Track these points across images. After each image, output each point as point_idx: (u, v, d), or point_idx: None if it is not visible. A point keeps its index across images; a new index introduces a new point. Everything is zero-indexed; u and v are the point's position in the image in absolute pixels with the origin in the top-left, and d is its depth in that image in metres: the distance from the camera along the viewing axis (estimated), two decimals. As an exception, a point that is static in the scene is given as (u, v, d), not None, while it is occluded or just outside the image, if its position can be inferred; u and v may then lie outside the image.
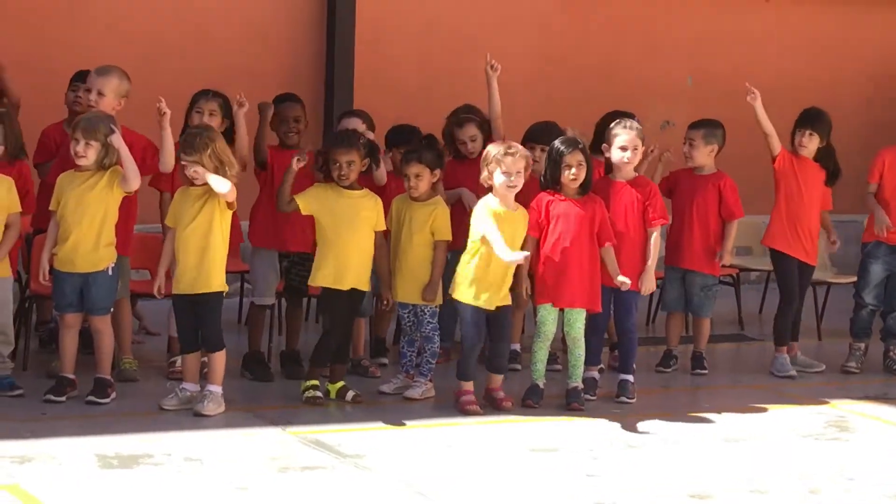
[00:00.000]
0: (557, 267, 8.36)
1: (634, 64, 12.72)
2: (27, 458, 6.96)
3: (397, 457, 7.35)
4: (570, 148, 8.38)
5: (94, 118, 8.04)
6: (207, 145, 7.85)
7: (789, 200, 9.49)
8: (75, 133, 7.94)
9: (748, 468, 7.41)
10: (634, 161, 8.71)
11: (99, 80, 8.40)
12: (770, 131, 9.37)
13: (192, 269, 7.92)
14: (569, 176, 8.37)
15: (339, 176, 8.29)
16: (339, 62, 11.55)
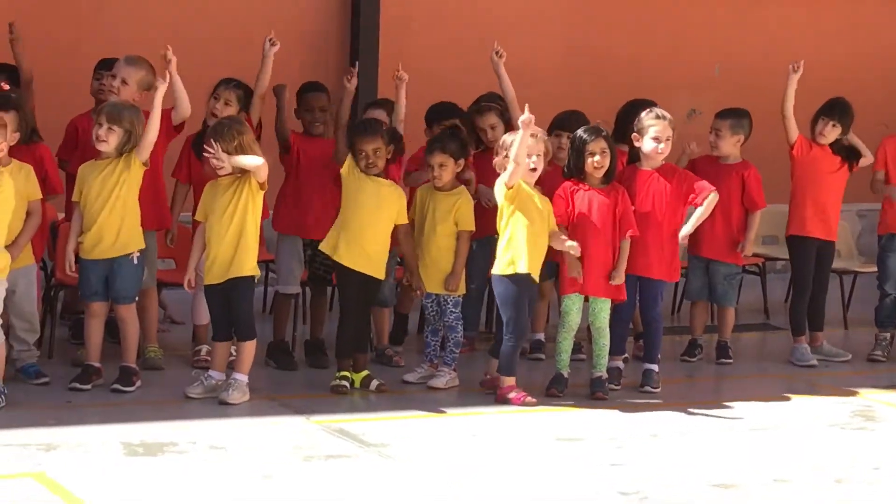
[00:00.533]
0: (582, 256, 8.34)
1: (661, 53, 12.67)
2: (53, 445, 6.99)
3: (421, 446, 7.36)
4: (593, 136, 8.37)
5: (120, 105, 8.07)
6: (235, 137, 7.86)
7: (806, 186, 9.50)
8: (99, 117, 7.97)
9: (773, 458, 7.39)
10: (667, 152, 8.67)
11: (125, 69, 8.42)
12: (789, 114, 9.35)
13: (225, 257, 7.92)
14: (592, 164, 8.35)
15: (367, 165, 8.28)
16: (363, 51, 11.53)
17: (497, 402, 8.18)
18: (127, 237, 8.04)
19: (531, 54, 12.17)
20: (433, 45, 11.88)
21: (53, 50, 10.39)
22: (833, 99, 9.60)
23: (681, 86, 12.52)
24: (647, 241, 8.57)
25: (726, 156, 9.43)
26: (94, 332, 8.12)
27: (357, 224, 8.25)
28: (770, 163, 10.04)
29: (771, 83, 12.69)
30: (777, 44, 13.11)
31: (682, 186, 8.64)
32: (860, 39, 13.52)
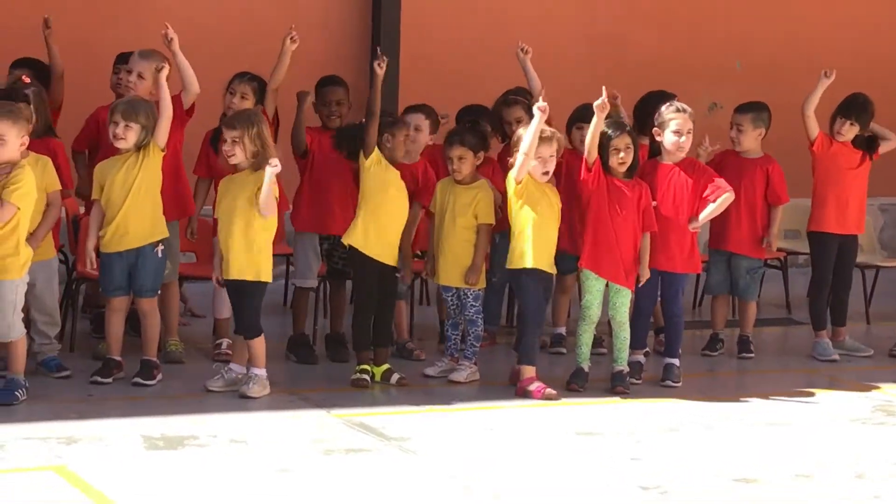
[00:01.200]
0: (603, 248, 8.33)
1: (682, 45, 12.64)
2: (74, 439, 7.01)
3: (442, 440, 7.35)
4: (617, 131, 8.35)
5: (134, 101, 8.08)
6: (254, 125, 7.87)
7: (827, 182, 9.48)
8: (114, 116, 7.98)
9: (793, 453, 7.37)
10: (688, 146, 8.65)
11: (141, 63, 8.43)
12: (811, 114, 9.33)
13: (234, 258, 7.93)
14: (617, 160, 8.34)
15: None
16: (384, 45, 11.51)
17: (517, 395, 8.17)
18: (151, 226, 8.06)
19: (551, 46, 12.13)
20: (454, 39, 11.86)
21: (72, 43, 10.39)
22: (850, 97, 9.56)
23: (701, 79, 12.48)
24: (668, 235, 8.56)
25: (748, 150, 9.40)
26: (115, 327, 8.13)
27: (385, 216, 8.25)
28: (791, 157, 10.01)
29: (792, 77, 12.70)
30: (798, 36, 13.07)
31: (702, 181, 8.62)
32: (882, 32, 13.45)
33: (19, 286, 7.61)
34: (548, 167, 8.19)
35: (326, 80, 9.06)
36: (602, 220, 8.34)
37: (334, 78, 9.10)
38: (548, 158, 8.17)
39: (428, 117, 8.96)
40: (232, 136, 7.87)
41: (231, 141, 7.88)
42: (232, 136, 7.87)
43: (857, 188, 9.58)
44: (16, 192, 7.51)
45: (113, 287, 8.10)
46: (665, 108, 8.64)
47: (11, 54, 9.17)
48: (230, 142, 7.88)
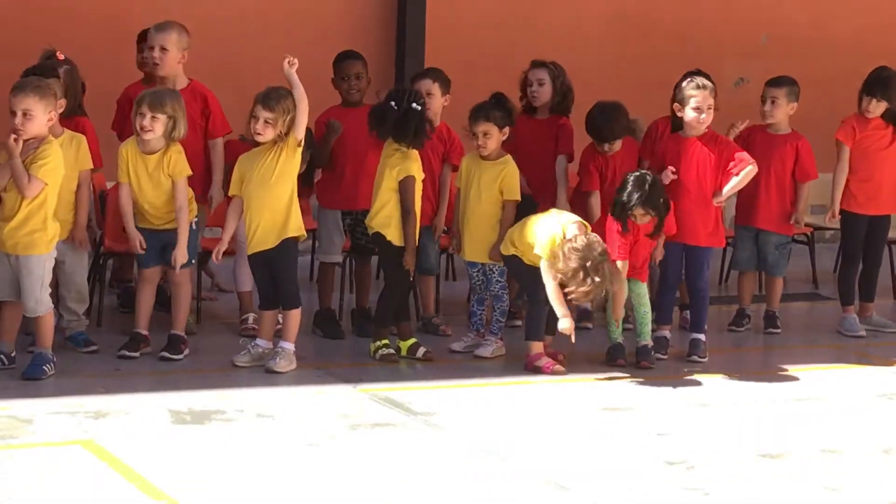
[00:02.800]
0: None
1: (708, 20, 12.58)
2: (102, 413, 7.04)
3: (468, 415, 7.36)
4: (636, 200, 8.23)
5: (161, 92, 8.06)
6: (289, 109, 7.85)
7: (858, 163, 9.42)
8: (140, 107, 7.94)
9: (820, 428, 7.36)
10: (709, 121, 8.62)
11: (160, 37, 8.44)
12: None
13: (272, 223, 7.93)
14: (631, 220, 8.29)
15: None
16: (410, 16, 11.50)
17: (526, 370, 8.17)
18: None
19: (577, 20, 12.12)
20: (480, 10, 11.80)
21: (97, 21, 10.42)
22: (874, 72, 9.49)
23: (728, 54, 12.43)
24: (691, 209, 8.55)
25: (779, 124, 9.35)
26: (146, 298, 8.15)
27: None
28: (817, 131, 9.95)
29: (818, 51, 12.64)
30: (824, 10, 12.99)
31: (724, 155, 8.60)
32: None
33: (47, 261, 7.64)
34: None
35: (344, 54, 9.03)
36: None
37: (352, 52, 9.06)
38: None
39: (436, 80, 8.91)
40: (266, 117, 7.86)
41: (264, 121, 7.86)
42: (266, 116, 7.86)
43: (889, 168, 9.51)
44: (43, 168, 7.53)
45: (147, 258, 8.11)
46: (685, 84, 8.63)
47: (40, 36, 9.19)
48: (262, 121, 7.86)
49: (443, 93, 8.90)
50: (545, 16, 11.94)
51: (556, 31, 11.83)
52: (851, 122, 9.46)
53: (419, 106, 8.24)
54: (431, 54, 11.17)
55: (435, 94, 8.82)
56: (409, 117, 8.18)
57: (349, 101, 8.88)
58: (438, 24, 11.56)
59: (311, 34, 10.80)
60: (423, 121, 8.23)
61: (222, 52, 10.26)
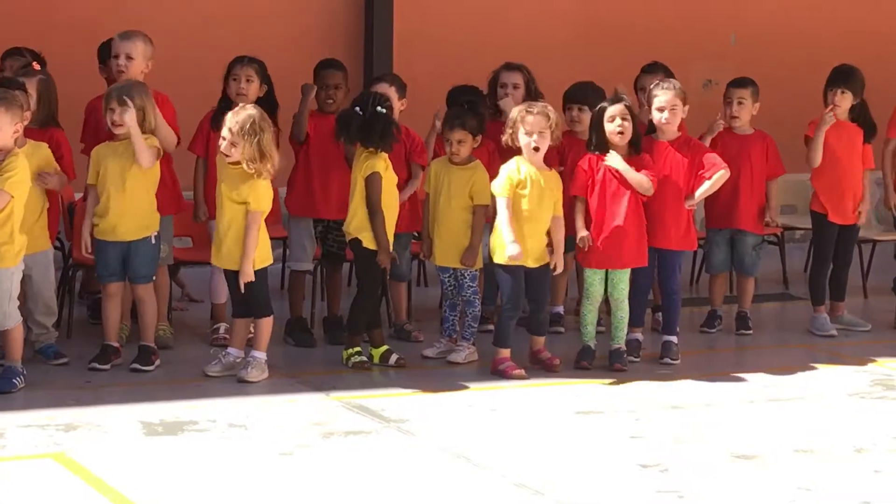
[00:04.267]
0: (602, 229, 8.33)
1: (677, 22, 12.61)
2: (73, 426, 7.00)
3: (441, 421, 7.35)
4: (612, 102, 8.34)
5: (127, 85, 8.05)
6: (256, 133, 7.80)
7: (829, 166, 9.41)
8: (109, 103, 7.95)
9: (793, 428, 7.37)
10: (674, 121, 8.62)
11: (125, 45, 8.40)
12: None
13: (228, 244, 7.91)
14: (614, 127, 8.29)
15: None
16: (378, 25, 11.50)
17: (491, 374, 8.17)
18: (145, 220, 8.04)
19: (546, 25, 12.13)
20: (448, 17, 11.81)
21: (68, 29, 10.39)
22: (837, 67, 9.52)
23: (697, 56, 12.45)
24: (664, 212, 8.56)
25: (744, 125, 9.37)
26: (112, 312, 8.12)
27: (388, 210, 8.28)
28: (785, 131, 9.99)
29: (786, 51, 12.68)
30: (792, 12, 13.03)
31: (696, 159, 8.62)
32: (876, 7, 13.42)
33: (14, 274, 7.60)
34: (538, 142, 8.12)
35: (326, 63, 9.01)
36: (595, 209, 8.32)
37: (334, 61, 9.05)
38: (536, 132, 8.10)
39: (393, 83, 8.89)
40: (231, 140, 7.81)
41: (230, 143, 7.82)
42: (231, 139, 7.81)
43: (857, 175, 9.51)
44: (9, 180, 7.49)
45: (108, 273, 8.09)
46: (653, 86, 8.66)
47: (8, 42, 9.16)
48: (229, 143, 7.82)
49: (399, 97, 8.88)
50: (514, 21, 11.95)
51: (524, 36, 11.84)
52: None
53: (384, 109, 8.24)
54: (400, 62, 11.16)
55: (392, 98, 8.81)
56: (374, 121, 8.18)
57: (324, 110, 8.87)
58: (406, 32, 11.55)
59: (278, 43, 10.77)
60: (388, 123, 8.23)
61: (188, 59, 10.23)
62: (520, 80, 9.18)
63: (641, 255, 8.44)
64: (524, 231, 8.15)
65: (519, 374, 8.17)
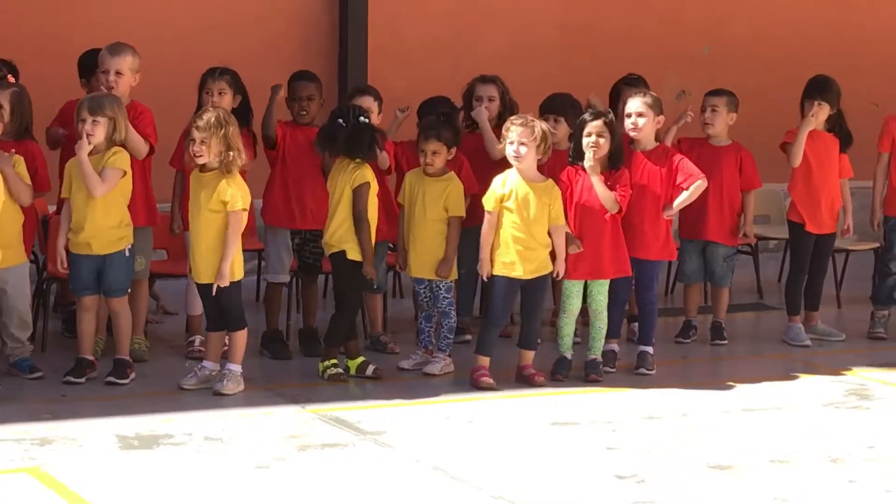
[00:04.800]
0: (583, 240, 8.34)
1: (652, 33, 12.65)
2: (48, 440, 6.97)
3: (418, 433, 7.35)
4: (591, 117, 8.36)
5: (99, 96, 8.05)
6: (221, 126, 7.83)
7: (806, 176, 9.45)
8: (81, 113, 7.93)
9: (769, 438, 7.39)
10: (644, 129, 8.64)
11: (115, 60, 8.37)
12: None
13: (204, 257, 7.90)
14: (589, 142, 8.33)
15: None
16: (352, 37, 11.51)
17: (470, 384, 8.18)
18: (118, 234, 8.02)
19: (524, 33, 12.15)
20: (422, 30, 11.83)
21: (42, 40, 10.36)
22: (813, 78, 9.56)
23: (672, 65, 12.50)
24: (642, 222, 8.59)
25: (718, 135, 9.41)
26: (87, 326, 8.09)
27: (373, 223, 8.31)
28: (760, 142, 10.03)
29: (760, 61, 12.74)
30: (767, 22, 13.10)
31: (674, 169, 8.65)
32: (849, 16, 13.49)
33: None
34: (517, 151, 8.13)
35: (299, 74, 9.01)
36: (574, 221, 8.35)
37: (307, 73, 9.05)
38: (516, 142, 8.11)
39: (376, 99, 8.92)
40: (200, 138, 7.83)
41: (200, 142, 7.84)
42: (200, 137, 7.83)
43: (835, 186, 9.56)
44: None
45: (82, 286, 8.06)
46: (628, 96, 8.71)
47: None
48: (198, 143, 7.84)
49: (380, 111, 8.92)
50: (489, 29, 11.97)
51: (500, 44, 11.86)
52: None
53: (366, 119, 8.25)
54: (374, 74, 11.17)
55: (373, 111, 8.83)
56: (360, 131, 8.19)
57: (298, 121, 8.87)
58: (380, 44, 11.56)
59: (253, 54, 10.77)
60: (373, 133, 8.24)
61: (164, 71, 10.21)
62: (495, 93, 9.22)
63: (621, 265, 8.46)
64: (516, 244, 8.15)
65: (487, 383, 8.17)
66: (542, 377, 8.31)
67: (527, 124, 8.14)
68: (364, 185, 8.20)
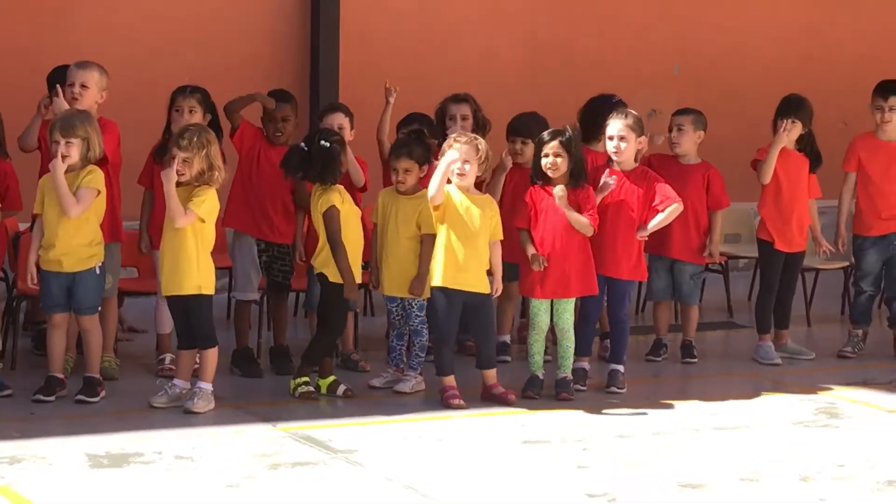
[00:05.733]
0: (546, 260, 8.36)
1: (622, 53, 12.71)
2: (17, 458, 6.93)
3: (389, 451, 7.34)
4: (548, 137, 8.39)
5: (70, 116, 8.00)
6: (204, 145, 7.82)
7: (776, 194, 9.49)
8: (53, 135, 7.89)
9: (739, 457, 7.41)
10: (626, 152, 8.67)
11: (81, 73, 8.37)
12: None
13: (172, 270, 7.89)
14: (546, 164, 8.36)
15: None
16: (324, 54, 11.52)
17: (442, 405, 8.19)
18: (89, 252, 7.99)
19: (492, 52, 12.19)
20: (393, 47, 11.85)
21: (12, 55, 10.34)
22: (787, 97, 9.61)
23: (642, 84, 12.54)
24: (615, 241, 8.60)
25: (686, 154, 9.43)
26: (57, 344, 8.06)
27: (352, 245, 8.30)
28: (730, 160, 10.09)
29: (730, 80, 12.80)
30: (735, 41, 13.16)
31: (650, 190, 8.67)
32: (818, 37, 13.58)
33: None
34: (461, 169, 8.14)
35: (275, 94, 8.99)
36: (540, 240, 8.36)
37: (284, 93, 9.04)
38: (461, 161, 8.13)
39: (347, 115, 8.96)
40: (183, 157, 7.81)
41: (182, 161, 7.82)
42: (183, 157, 7.81)
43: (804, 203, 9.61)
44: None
45: (52, 304, 8.03)
46: (610, 117, 8.72)
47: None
48: (181, 161, 7.82)
49: (351, 126, 8.93)
50: (459, 51, 12.00)
51: (470, 63, 11.89)
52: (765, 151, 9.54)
53: (327, 143, 8.23)
54: (345, 91, 11.17)
55: (346, 128, 8.85)
56: (317, 155, 8.18)
57: (273, 142, 8.85)
58: (352, 61, 11.57)
59: (224, 71, 10.77)
60: (330, 157, 8.21)
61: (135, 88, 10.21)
62: (468, 111, 9.24)
63: (588, 284, 8.47)
64: (456, 257, 8.16)
65: (457, 403, 8.16)
66: (513, 395, 8.31)
67: (469, 142, 8.18)
68: (330, 209, 8.18)
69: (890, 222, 9.80)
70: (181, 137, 7.88)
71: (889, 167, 9.78)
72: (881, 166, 9.78)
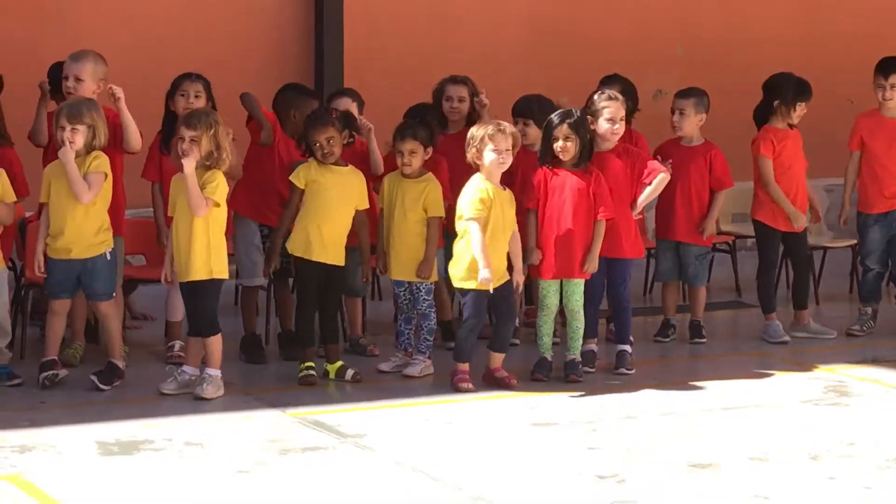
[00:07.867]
0: (555, 240, 8.36)
1: (627, 32, 12.66)
2: (27, 447, 6.96)
3: (398, 435, 7.35)
4: (558, 120, 8.38)
5: (77, 103, 8.02)
6: (212, 125, 7.84)
7: (779, 174, 9.47)
8: (59, 121, 7.91)
9: (748, 436, 7.42)
10: (622, 132, 8.69)
11: (74, 66, 8.38)
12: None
13: (184, 255, 7.90)
14: (557, 148, 8.36)
15: (324, 154, 8.29)
16: (328, 39, 11.50)
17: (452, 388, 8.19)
18: (98, 238, 8.00)
19: (495, 36, 12.16)
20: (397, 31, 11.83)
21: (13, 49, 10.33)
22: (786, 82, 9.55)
23: (646, 65, 12.51)
24: (611, 222, 8.58)
25: (689, 136, 9.43)
26: (56, 328, 8.08)
27: (326, 220, 8.24)
28: (733, 140, 10.06)
29: (734, 60, 12.76)
30: (740, 21, 13.12)
31: (637, 165, 8.68)
32: (822, 16, 13.52)
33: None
34: (504, 159, 8.16)
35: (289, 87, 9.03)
36: (548, 220, 8.36)
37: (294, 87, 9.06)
38: (503, 150, 8.15)
39: (355, 100, 8.94)
40: (191, 136, 7.83)
41: (189, 140, 7.83)
42: (191, 135, 7.83)
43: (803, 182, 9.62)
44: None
45: (58, 289, 8.04)
46: (597, 97, 8.71)
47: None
48: (188, 141, 7.83)
49: (360, 112, 8.92)
50: (463, 35, 11.97)
51: (474, 46, 11.86)
52: (769, 135, 9.52)
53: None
54: (350, 78, 11.15)
55: (353, 112, 8.84)
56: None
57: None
58: (357, 48, 11.55)
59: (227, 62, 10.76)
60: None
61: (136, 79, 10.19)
62: (465, 94, 9.23)
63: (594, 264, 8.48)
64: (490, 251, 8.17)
65: (467, 387, 8.16)
66: (514, 379, 8.30)
67: (513, 133, 8.21)
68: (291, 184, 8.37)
69: (893, 200, 9.79)
70: (190, 117, 7.91)
71: (892, 144, 9.76)
72: (884, 143, 9.77)
